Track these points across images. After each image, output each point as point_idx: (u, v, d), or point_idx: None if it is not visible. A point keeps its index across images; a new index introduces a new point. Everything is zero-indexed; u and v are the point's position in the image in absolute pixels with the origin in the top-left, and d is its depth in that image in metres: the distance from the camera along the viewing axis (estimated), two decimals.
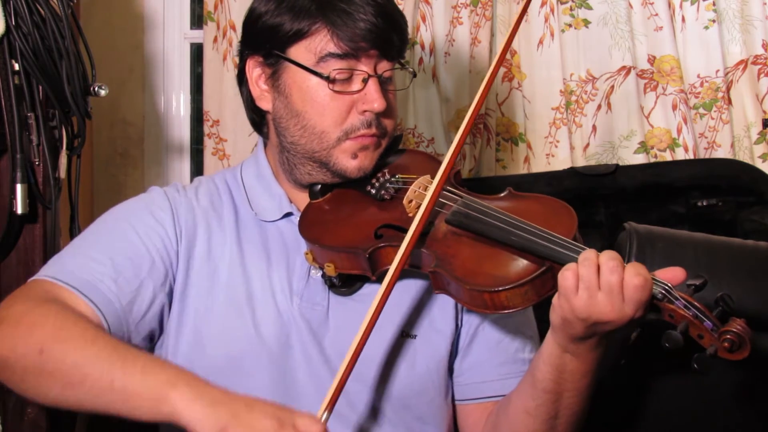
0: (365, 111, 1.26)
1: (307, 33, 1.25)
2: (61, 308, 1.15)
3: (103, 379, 1.06)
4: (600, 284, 1.04)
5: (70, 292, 1.19)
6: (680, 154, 2.19)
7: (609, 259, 1.04)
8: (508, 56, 2.27)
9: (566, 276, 1.06)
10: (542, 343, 1.19)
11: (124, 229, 1.27)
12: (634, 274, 1.03)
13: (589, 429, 1.28)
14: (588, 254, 1.06)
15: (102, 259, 1.23)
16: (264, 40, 1.29)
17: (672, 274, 1.07)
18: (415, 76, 1.41)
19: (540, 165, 2.28)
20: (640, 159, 2.24)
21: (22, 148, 1.56)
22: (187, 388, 1.04)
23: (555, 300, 1.09)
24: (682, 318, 1.03)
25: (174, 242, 1.28)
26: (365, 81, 1.26)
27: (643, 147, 2.24)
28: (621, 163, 2.21)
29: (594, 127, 2.29)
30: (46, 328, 1.11)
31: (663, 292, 1.04)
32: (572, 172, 2.14)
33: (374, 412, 1.27)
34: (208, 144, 2.39)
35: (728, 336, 1.01)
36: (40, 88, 1.60)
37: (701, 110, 2.22)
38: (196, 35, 2.52)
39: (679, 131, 2.19)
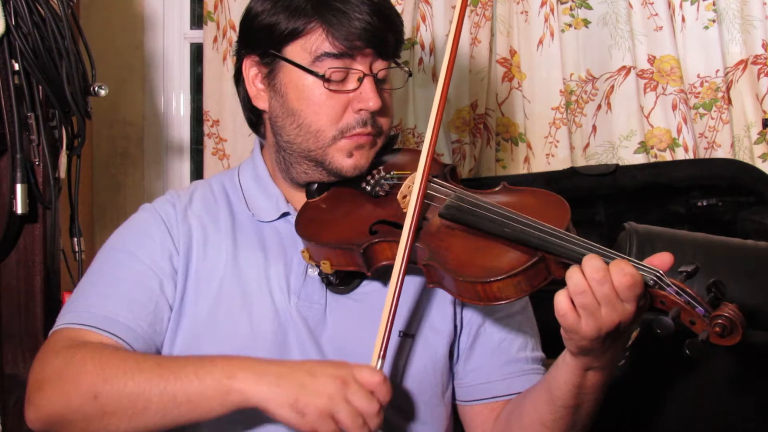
0: (360, 110, 1.27)
1: (302, 32, 1.25)
2: (94, 349, 1.17)
3: (164, 397, 1.10)
4: (598, 300, 1.03)
5: (91, 332, 1.21)
6: (680, 154, 2.20)
7: (593, 271, 1.03)
8: (507, 56, 2.27)
9: (565, 315, 1.05)
10: (558, 362, 1.18)
11: (125, 258, 1.29)
12: (621, 276, 1.02)
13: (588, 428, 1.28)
14: (576, 280, 1.04)
15: (112, 292, 1.25)
16: (260, 40, 1.29)
17: (660, 260, 1.07)
18: (410, 75, 1.41)
19: (540, 165, 2.28)
20: (640, 159, 2.24)
21: (22, 148, 1.57)
22: (245, 373, 1.09)
23: (564, 333, 1.09)
24: (673, 304, 1.03)
25: (175, 256, 1.29)
26: (361, 80, 1.26)
27: (643, 147, 2.24)
28: (621, 163, 2.21)
29: (594, 127, 2.29)
30: (90, 374, 1.13)
31: (654, 279, 1.04)
32: (572, 172, 2.14)
33: None
34: (208, 144, 2.39)
35: (719, 321, 1.01)
36: (40, 88, 1.60)
37: (701, 110, 2.22)
38: (196, 35, 2.52)
39: (679, 131, 2.19)
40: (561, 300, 1.05)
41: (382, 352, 1.13)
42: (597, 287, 1.03)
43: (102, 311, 1.23)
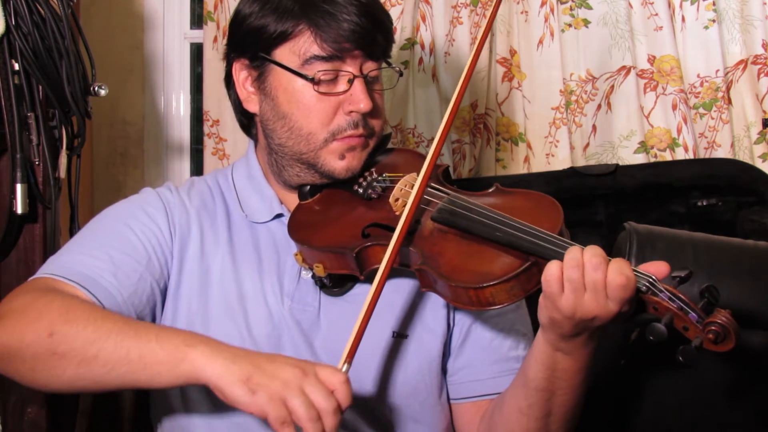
0: (351, 111, 1.26)
1: (291, 35, 1.25)
2: (65, 295, 1.15)
3: (118, 350, 1.06)
4: (585, 283, 1.04)
5: (72, 287, 1.19)
6: (680, 154, 2.19)
7: (592, 256, 1.04)
8: (507, 56, 2.27)
9: (550, 281, 1.06)
10: (531, 347, 1.19)
11: (119, 227, 1.27)
12: (617, 273, 1.03)
13: (588, 428, 1.28)
14: (573, 254, 1.05)
15: (100, 255, 1.23)
16: (249, 43, 1.29)
17: (656, 269, 1.07)
18: (401, 74, 1.41)
19: (540, 165, 2.28)
20: (640, 159, 2.24)
21: (22, 148, 1.57)
22: (205, 346, 1.05)
23: (541, 300, 1.09)
24: (666, 310, 1.03)
25: (168, 240, 1.28)
26: (351, 82, 1.26)
27: (643, 147, 2.24)
28: (621, 163, 2.21)
29: (594, 127, 2.29)
30: (53, 313, 1.11)
31: (647, 284, 1.04)
32: (572, 171, 2.14)
33: (367, 412, 1.27)
34: (208, 144, 2.39)
35: (713, 327, 1.01)
36: (40, 88, 1.60)
37: (701, 110, 2.22)
38: (196, 35, 2.52)
39: (679, 131, 2.19)
40: (553, 267, 1.06)
41: (348, 356, 1.08)
42: (590, 271, 1.04)
43: (87, 270, 1.20)
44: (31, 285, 1.20)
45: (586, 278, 1.04)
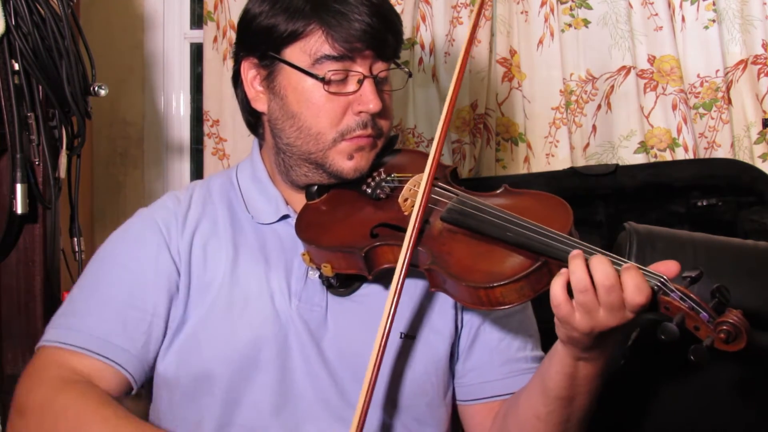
0: (361, 112, 1.26)
1: (301, 34, 1.24)
2: (80, 395, 1.18)
3: None
4: (599, 303, 1.03)
5: (83, 356, 1.21)
6: (680, 154, 2.20)
7: (604, 278, 1.02)
8: (507, 56, 2.27)
9: (559, 305, 1.05)
10: (550, 352, 1.18)
11: (119, 273, 1.28)
12: (636, 293, 1.01)
13: (590, 429, 1.28)
14: (581, 278, 1.03)
15: (104, 311, 1.24)
16: (259, 42, 1.29)
17: (666, 268, 1.06)
18: (410, 76, 1.41)
19: (540, 165, 2.29)
20: (640, 159, 2.24)
21: (22, 148, 1.57)
22: None
23: (557, 321, 1.09)
24: (677, 310, 1.03)
25: (172, 267, 1.28)
26: (360, 82, 1.25)
27: (643, 147, 2.24)
28: (621, 163, 2.21)
29: (594, 127, 2.29)
30: (67, 424, 1.15)
31: (658, 284, 1.04)
32: (572, 171, 2.14)
33: (372, 412, 1.26)
34: (208, 144, 2.39)
35: (724, 327, 1.00)
36: (40, 88, 1.60)
37: (701, 110, 2.22)
38: (196, 35, 2.53)
39: (679, 131, 2.20)
40: (557, 290, 1.05)
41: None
42: (603, 294, 1.02)
43: (96, 332, 1.23)
44: (45, 367, 1.22)
45: (600, 300, 1.03)
